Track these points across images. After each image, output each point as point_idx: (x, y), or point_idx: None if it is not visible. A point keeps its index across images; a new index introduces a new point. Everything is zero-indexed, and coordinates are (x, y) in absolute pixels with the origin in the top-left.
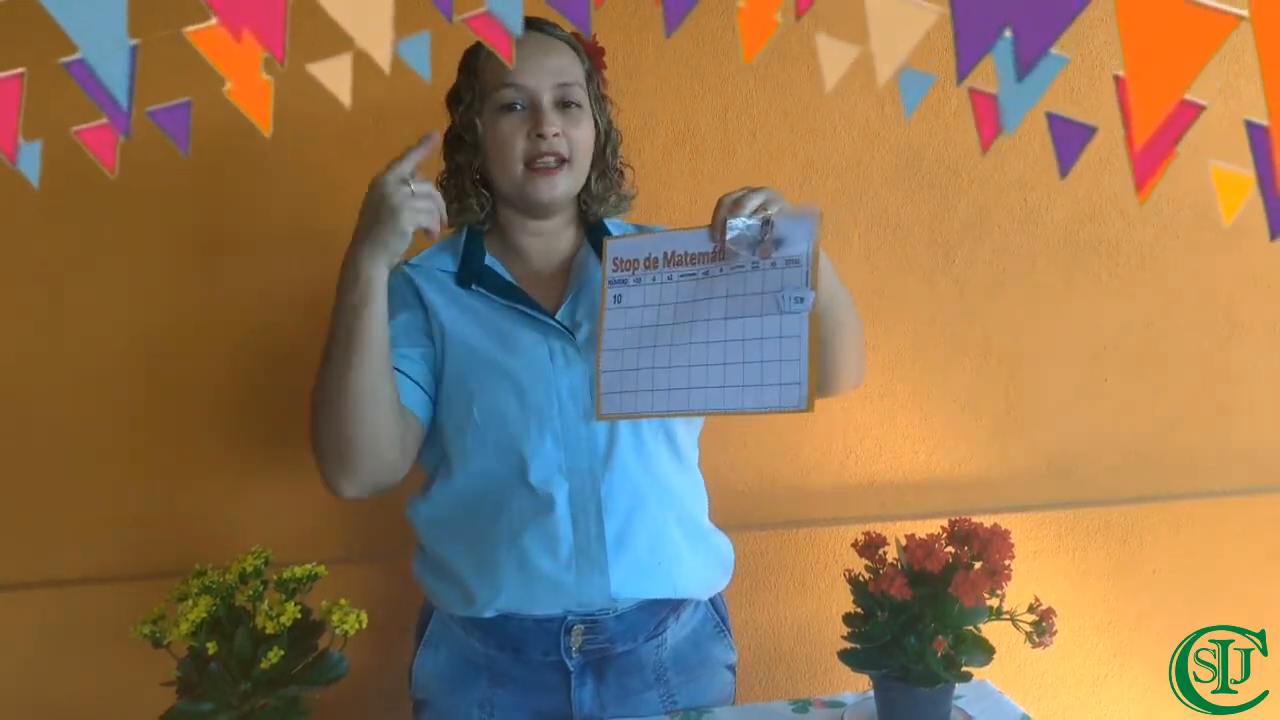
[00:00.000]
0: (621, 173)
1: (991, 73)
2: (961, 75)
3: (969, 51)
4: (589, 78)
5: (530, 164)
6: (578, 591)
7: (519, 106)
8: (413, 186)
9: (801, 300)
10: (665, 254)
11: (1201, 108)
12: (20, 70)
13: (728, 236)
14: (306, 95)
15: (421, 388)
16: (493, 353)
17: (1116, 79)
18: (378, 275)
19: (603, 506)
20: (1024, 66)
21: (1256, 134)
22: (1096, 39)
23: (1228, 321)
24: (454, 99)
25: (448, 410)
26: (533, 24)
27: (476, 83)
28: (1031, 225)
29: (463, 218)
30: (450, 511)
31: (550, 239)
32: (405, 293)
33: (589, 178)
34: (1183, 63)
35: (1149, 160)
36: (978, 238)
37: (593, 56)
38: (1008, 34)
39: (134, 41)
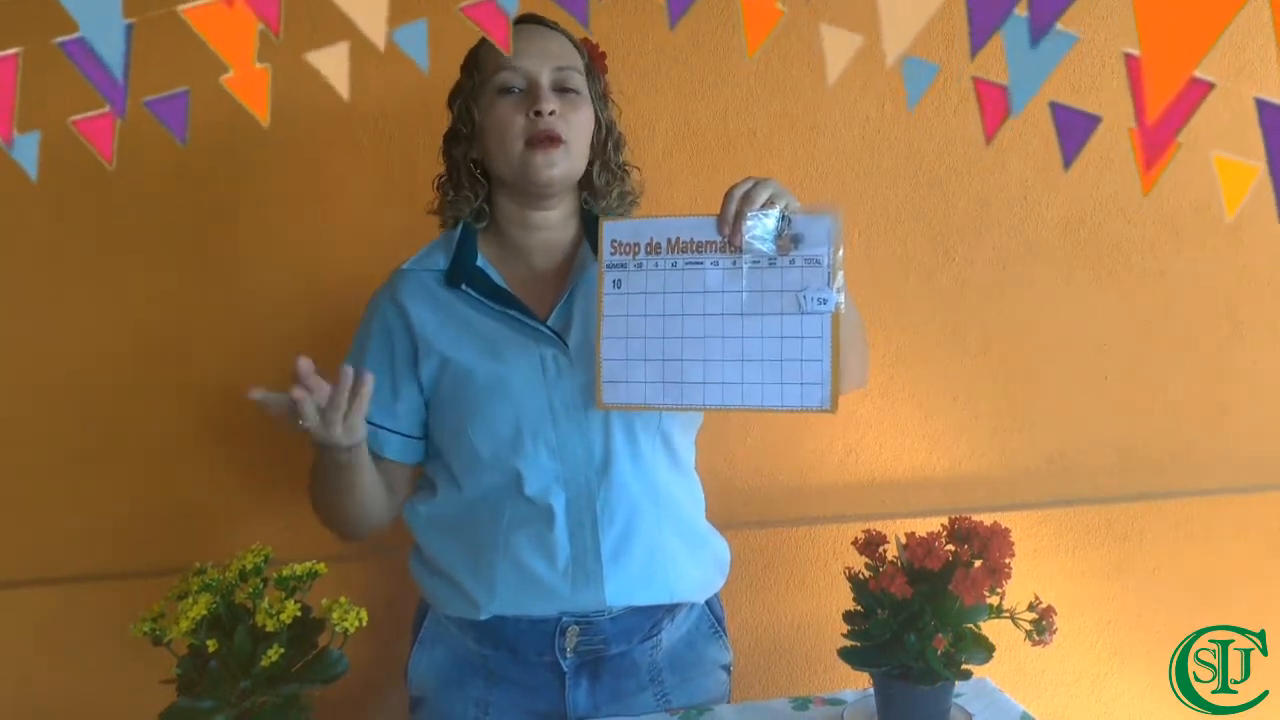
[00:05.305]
0: (626, 170)
1: (997, 61)
2: (975, 49)
3: (981, 26)
4: (588, 72)
5: (530, 142)
6: (573, 599)
7: (517, 89)
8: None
9: (824, 302)
10: (669, 240)
11: (1211, 85)
12: (15, 50)
13: (746, 227)
14: (304, 87)
15: (410, 435)
16: (484, 369)
17: (1127, 57)
18: (343, 447)
19: (599, 521)
20: (1037, 33)
21: (1268, 112)
22: (1099, 36)
23: (1228, 319)
24: (453, 96)
25: (440, 429)
26: (533, 19)
27: (476, 74)
28: (1031, 223)
29: (456, 210)
30: (447, 516)
31: (549, 234)
32: (391, 319)
33: (590, 169)
34: (1194, 40)
35: (1157, 143)
36: (978, 236)
37: (593, 58)
38: (1018, 11)
39: (129, 21)
